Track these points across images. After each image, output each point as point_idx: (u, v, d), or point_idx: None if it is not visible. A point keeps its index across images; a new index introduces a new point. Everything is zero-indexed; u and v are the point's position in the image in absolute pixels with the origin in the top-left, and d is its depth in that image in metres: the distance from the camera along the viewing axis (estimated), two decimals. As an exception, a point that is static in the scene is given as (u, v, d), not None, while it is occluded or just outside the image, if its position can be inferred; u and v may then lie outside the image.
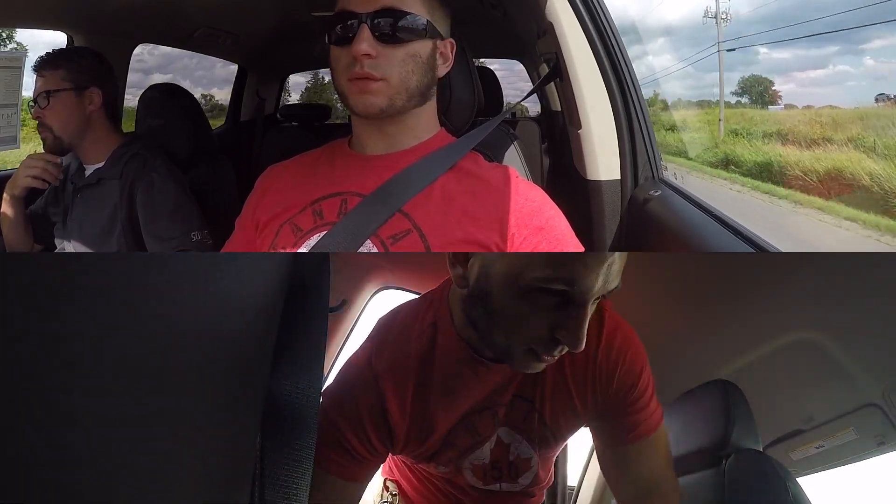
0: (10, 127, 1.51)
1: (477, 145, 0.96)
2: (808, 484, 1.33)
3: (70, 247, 1.43)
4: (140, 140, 1.48)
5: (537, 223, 0.88)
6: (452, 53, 0.95)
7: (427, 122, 0.95)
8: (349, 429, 0.84)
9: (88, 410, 0.25)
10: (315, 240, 0.87)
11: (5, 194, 1.41)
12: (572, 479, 2.04)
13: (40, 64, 1.36)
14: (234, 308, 0.39)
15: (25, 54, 1.58)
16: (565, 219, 0.92)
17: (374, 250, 0.85)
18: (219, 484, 0.41)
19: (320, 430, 0.84)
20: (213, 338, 0.36)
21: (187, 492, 0.36)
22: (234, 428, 0.43)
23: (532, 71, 2.91)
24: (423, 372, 0.85)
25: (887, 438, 1.55)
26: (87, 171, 1.43)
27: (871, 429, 1.55)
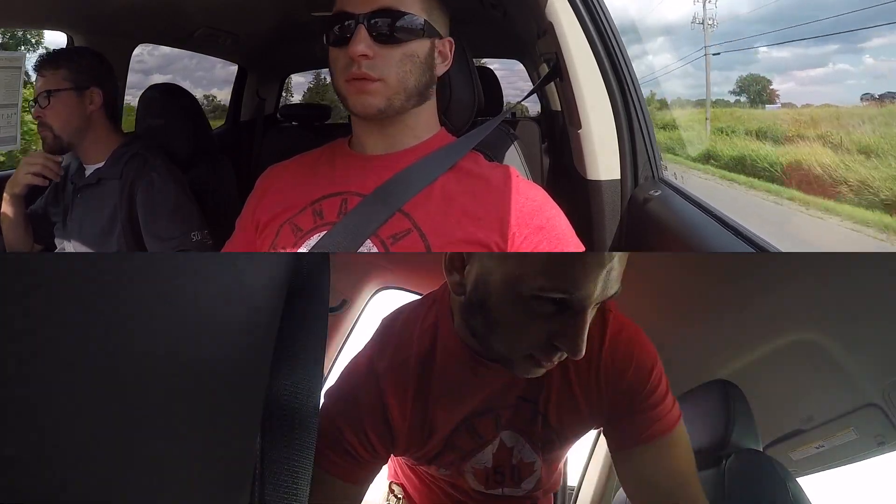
0: (10, 127, 1.50)
1: (477, 145, 0.96)
2: (808, 484, 1.33)
3: (70, 247, 1.43)
4: (140, 140, 1.48)
5: (538, 223, 0.88)
6: (451, 52, 0.95)
7: (427, 122, 0.95)
8: (350, 430, 0.83)
9: (88, 410, 0.25)
10: (315, 240, 0.87)
11: (5, 194, 1.41)
12: (572, 480, 2.04)
13: (41, 63, 1.36)
14: (234, 308, 0.39)
15: (25, 54, 1.58)
16: (566, 218, 0.92)
17: (375, 250, 0.85)
18: (219, 484, 0.41)
19: (321, 431, 0.83)
20: (213, 338, 0.36)
21: (187, 492, 0.36)
22: (234, 428, 0.43)
23: (532, 71, 2.91)
24: (424, 373, 0.84)
25: (887, 438, 1.55)
26: (88, 171, 1.43)
27: (871, 429, 1.55)
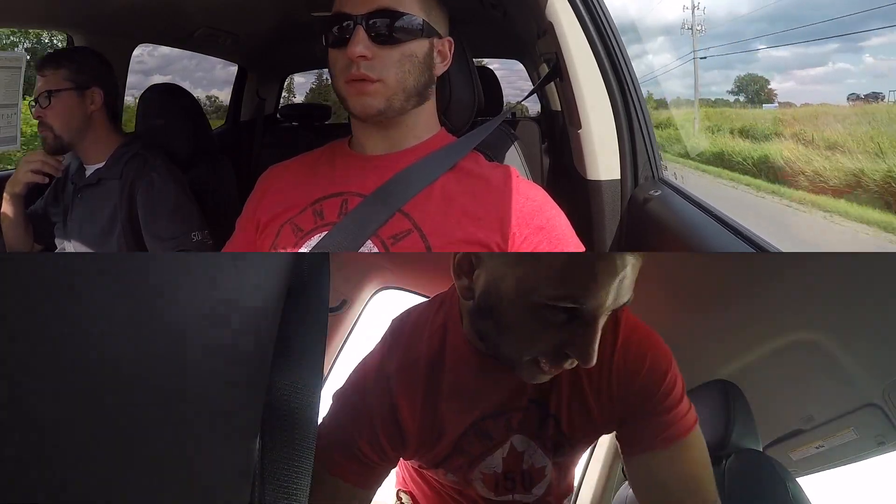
0: (10, 127, 1.50)
1: (477, 145, 0.96)
2: (808, 484, 1.33)
3: (70, 247, 1.43)
4: (140, 140, 1.48)
5: (538, 223, 0.88)
6: (450, 52, 0.95)
7: (427, 122, 0.95)
8: (360, 433, 0.82)
9: (88, 410, 0.25)
10: (316, 240, 0.87)
11: (6, 193, 1.41)
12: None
13: (42, 63, 1.36)
14: (234, 308, 0.39)
15: (26, 55, 1.58)
16: (566, 218, 0.92)
17: (375, 250, 0.85)
18: (219, 484, 0.41)
19: (330, 434, 0.83)
20: (213, 338, 0.36)
21: (187, 492, 0.36)
22: (234, 428, 0.43)
23: (532, 71, 2.91)
24: (434, 374, 0.83)
25: (887, 438, 1.55)
26: (88, 171, 1.43)
27: (871, 429, 1.55)
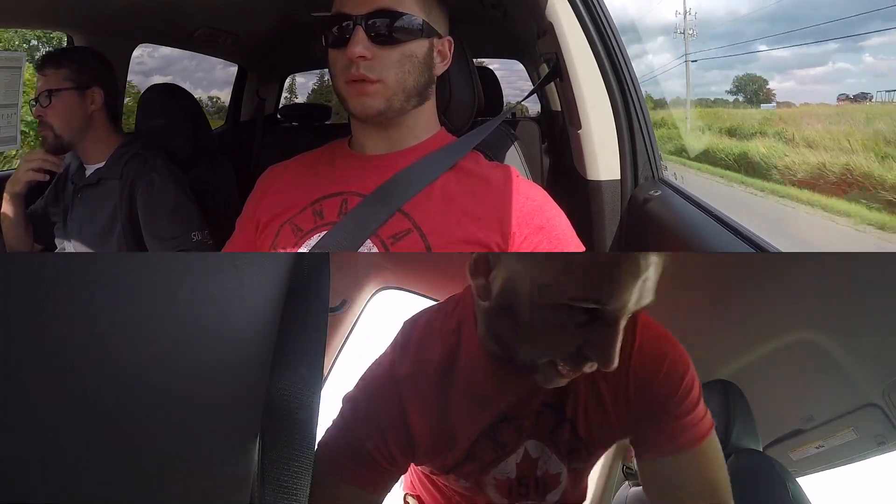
0: (10, 127, 1.51)
1: (477, 145, 0.96)
2: (808, 484, 1.33)
3: (70, 247, 1.43)
4: (140, 140, 1.48)
5: (538, 222, 0.88)
6: (450, 51, 0.95)
7: (427, 122, 0.95)
8: (369, 437, 0.80)
9: (88, 410, 0.25)
10: (315, 240, 0.87)
11: (6, 193, 1.41)
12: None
13: (43, 62, 1.36)
14: (234, 308, 0.39)
15: (26, 55, 1.58)
16: (566, 218, 0.92)
17: (375, 250, 0.85)
18: (219, 484, 0.41)
19: (339, 438, 0.81)
20: (213, 338, 0.36)
21: (188, 491, 0.36)
22: (234, 428, 0.43)
23: (532, 71, 2.91)
24: (445, 379, 0.80)
25: (887, 438, 1.55)
26: (88, 171, 1.43)
27: (871, 429, 1.55)
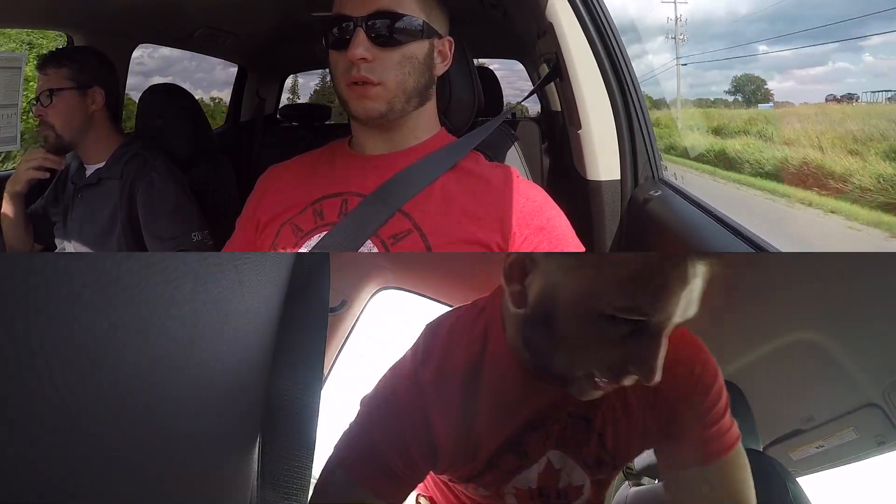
0: (10, 127, 1.51)
1: (477, 146, 0.96)
2: (808, 484, 1.33)
3: (70, 247, 1.43)
4: (140, 140, 1.48)
5: (538, 223, 0.88)
6: (451, 51, 0.95)
7: (427, 122, 0.95)
8: (390, 446, 0.77)
9: (88, 410, 0.25)
10: (316, 240, 0.87)
11: (6, 193, 1.41)
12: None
13: (44, 62, 1.36)
14: (234, 308, 0.39)
15: (26, 55, 1.58)
16: (566, 219, 0.92)
17: (375, 250, 0.85)
18: (219, 484, 0.41)
19: (358, 443, 0.79)
20: (212, 338, 0.36)
21: (188, 491, 0.36)
22: (234, 428, 0.43)
23: (532, 71, 2.90)
24: (471, 387, 0.78)
25: (887, 438, 1.55)
26: (88, 171, 1.43)
27: (871, 429, 1.55)
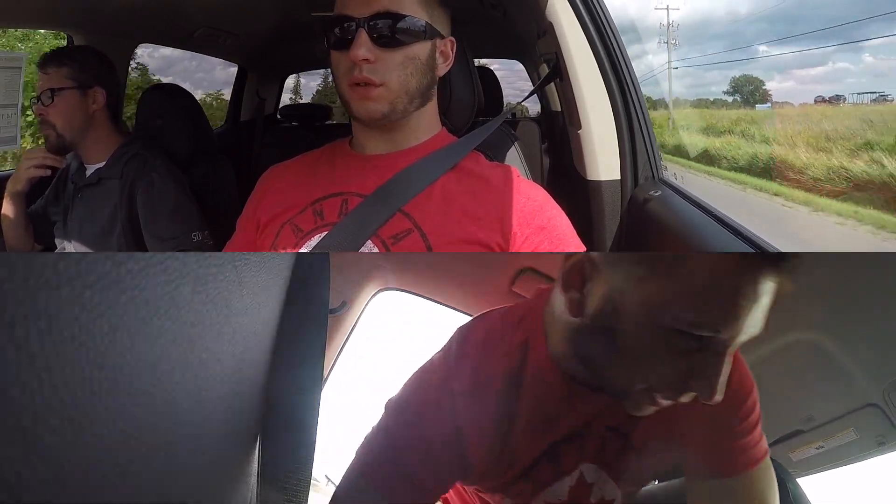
0: (10, 127, 1.51)
1: (478, 146, 0.96)
2: (808, 484, 1.33)
3: (70, 247, 1.43)
4: (140, 140, 1.48)
5: (539, 223, 0.88)
6: (453, 52, 0.95)
7: (428, 123, 0.95)
8: (417, 456, 0.73)
9: (88, 410, 0.25)
10: (316, 240, 0.87)
11: (7, 193, 1.41)
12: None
13: (45, 61, 1.36)
14: (234, 308, 0.39)
15: (26, 55, 1.58)
16: (567, 218, 0.92)
17: (375, 250, 0.85)
18: (219, 484, 0.41)
19: (382, 450, 0.74)
20: (212, 338, 0.36)
21: (187, 491, 0.36)
22: (234, 428, 0.43)
23: (532, 71, 2.90)
24: (509, 398, 0.74)
25: (887, 438, 1.55)
26: (88, 171, 1.43)
27: (871, 429, 1.55)
